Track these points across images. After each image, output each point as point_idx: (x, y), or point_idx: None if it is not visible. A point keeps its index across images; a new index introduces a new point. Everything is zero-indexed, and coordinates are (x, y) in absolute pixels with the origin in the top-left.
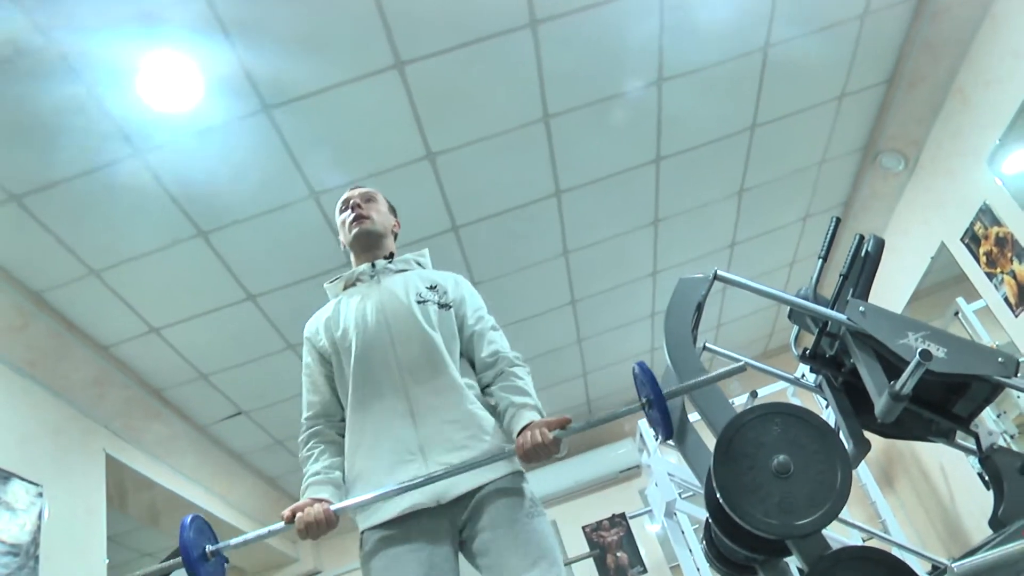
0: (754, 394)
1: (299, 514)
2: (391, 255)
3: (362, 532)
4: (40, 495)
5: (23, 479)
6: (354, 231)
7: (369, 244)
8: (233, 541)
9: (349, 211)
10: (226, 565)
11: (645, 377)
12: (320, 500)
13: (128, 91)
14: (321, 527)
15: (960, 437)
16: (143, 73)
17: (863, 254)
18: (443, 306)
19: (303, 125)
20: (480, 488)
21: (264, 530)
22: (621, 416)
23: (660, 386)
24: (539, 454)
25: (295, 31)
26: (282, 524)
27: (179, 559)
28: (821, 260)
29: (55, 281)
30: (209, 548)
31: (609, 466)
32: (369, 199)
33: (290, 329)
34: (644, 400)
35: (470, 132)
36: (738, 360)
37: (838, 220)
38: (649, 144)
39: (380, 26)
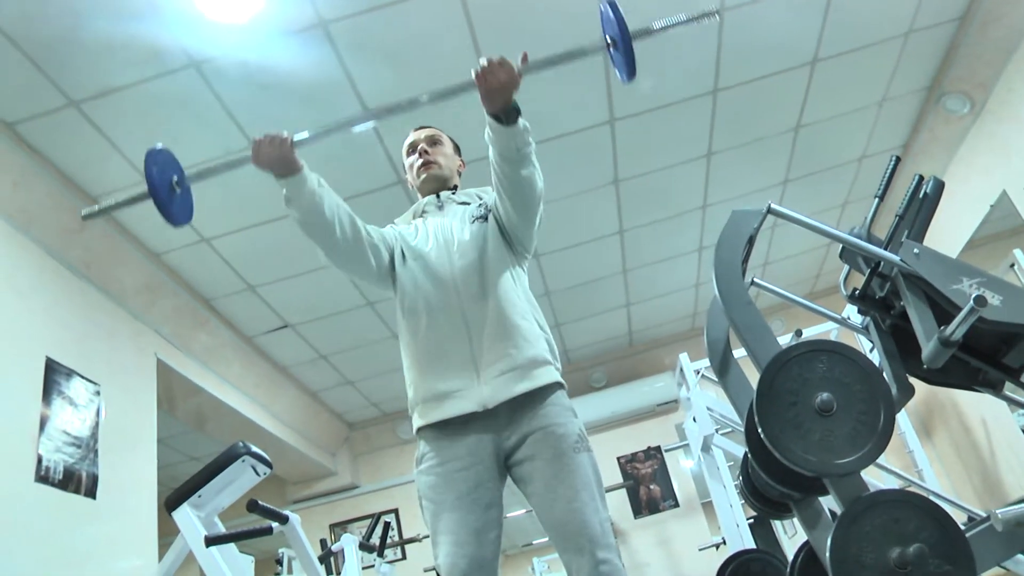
0: (799, 333)
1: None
2: (455, 188)
3: (417, 432)
4: (98, 393)
5: (83, 377)
6: (422, 176)
7: (436, 188)
8: (196, 169)
9: (416, 155)
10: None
11: (612, 11)
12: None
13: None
14: (274, 143)
15: (1008, 389)
16: None
17: (921, 196)
18: (486, 214)
19: (359, 41)
20: (526, 401)
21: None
22: (583, 55)
23: (626, 23)
24: (496, 77)
25: None
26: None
27: (146, 191)
28: (877, 199)
29: (110, 187)
30: (175, 178)
31: (647, 399)
32: (435, 142)
33: None
34: (608, 39)
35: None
36: (785, 297)
37: (897, 159)
38: (707, 75)
39: None
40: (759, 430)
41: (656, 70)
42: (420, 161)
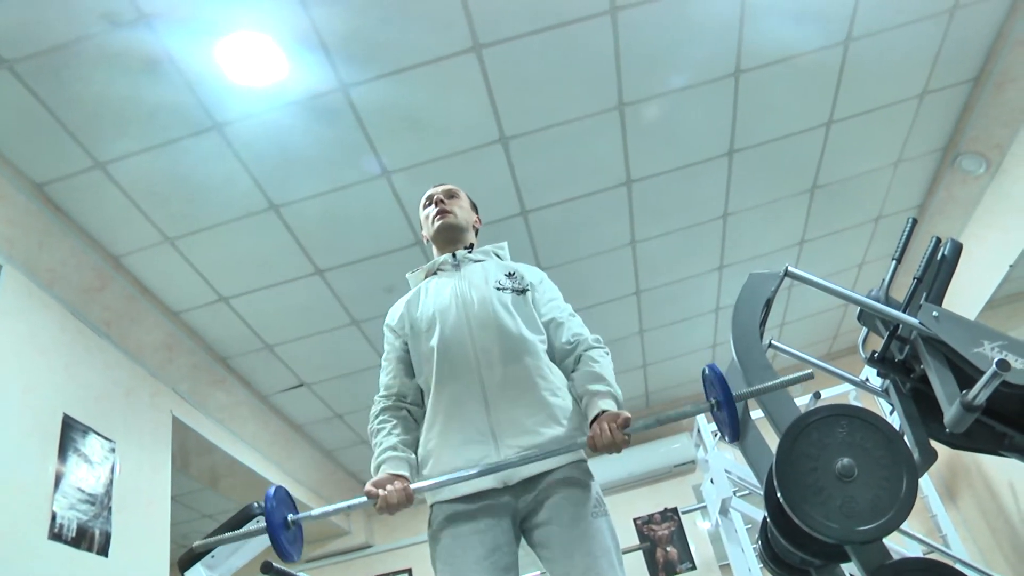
0: (817, 395)
1: (381, 491)
2: (471, 246)
3: (431, 505)
4: (113, 451)
5: (99, 434)
6: (437, 224)
7: (451, 238)
8: (314, 512)
9: (432, 206)
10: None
11: (715, 379)
12: (399, 476)
13: (210, 65)
14: (401, 505)
15: None
16: (225, 48)
17: (939, 258)
18: (520, 291)
19: (379, 105)
20: (546, 474)
21: (344, 504)
22: (689, 415)
23: (729, 388)
24: (608, 449)
25: (376, 10)
26: (364, 499)
27: (263, 525)
28: (895, 262)
29: (132, 246)
30: (291, 517)
31: (663, 460)
32: (452, 195)
33: (355, 305)
34: (713, 401)
35: (544, 118)
36: (803, 359)
37: (914, 221)
38: (723, 137)
39: (460, 8)
40: (779, 495)
41: (672, 131)
42: (436, 211)
